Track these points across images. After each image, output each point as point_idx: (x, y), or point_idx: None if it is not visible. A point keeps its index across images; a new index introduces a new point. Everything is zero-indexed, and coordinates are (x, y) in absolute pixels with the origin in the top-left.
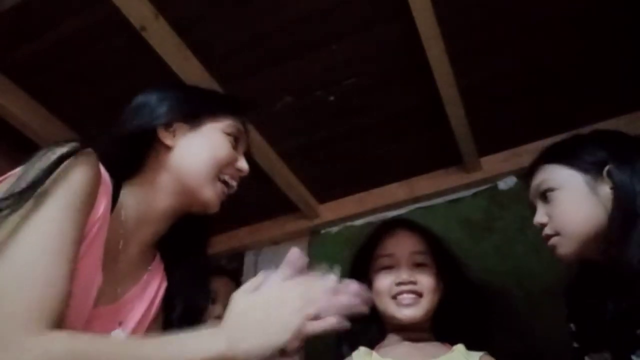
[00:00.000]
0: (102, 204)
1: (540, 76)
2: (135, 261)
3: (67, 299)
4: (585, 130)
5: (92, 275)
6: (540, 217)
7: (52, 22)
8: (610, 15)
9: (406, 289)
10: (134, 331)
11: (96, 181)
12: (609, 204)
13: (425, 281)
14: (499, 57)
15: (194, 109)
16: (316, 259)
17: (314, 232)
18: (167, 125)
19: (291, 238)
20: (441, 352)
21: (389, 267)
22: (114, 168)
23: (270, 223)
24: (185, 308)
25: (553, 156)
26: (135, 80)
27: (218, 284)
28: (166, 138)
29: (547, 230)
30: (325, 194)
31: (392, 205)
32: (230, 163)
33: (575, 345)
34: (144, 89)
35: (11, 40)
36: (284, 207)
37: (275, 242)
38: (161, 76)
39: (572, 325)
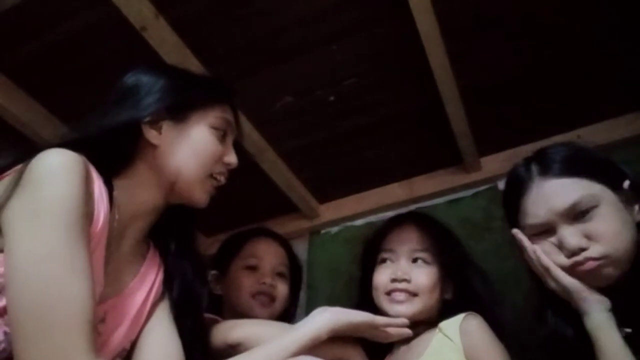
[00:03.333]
0: (102, 213)
1: (540, 76)
2: (130, 255)
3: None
4: (586, 130)
5: (96, 281)
6: (578, 240)
7: (52, 22)
8: (610, 16)
9: (400, 287)
10: (131, 327)
11: (88, 190)
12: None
13: (421, 280)
14: (499, 57)
15: (180, 104)
16: (316, 259)
17: (314, 232)
18: (152, 123)
19: (291, 238)
20: (430, 339)
21: (388, 262)
22: (103, 165)
23: (270, 223)
24: (183, 291)
25: (581, 170)
26: None
27: (262, 245)
28: (152, 137)
29: (593, 253)
30: (325, 194)
31: (392, 205)
32: (219, 160)
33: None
34: None
35: (11, 40)
36: (284, 207)
37: None
38: None
39: None
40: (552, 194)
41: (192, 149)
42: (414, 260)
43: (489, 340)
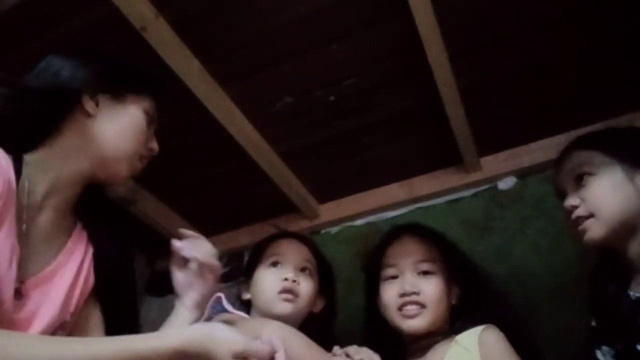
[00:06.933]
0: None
1: (540, 76)
2: (52, 230)
3: None
4: (586, 130)
5: (7, 250)
6: (572, 200)
7: (53, 22)
8: (610, 15)
9: (409, 300)
10: (66, 300)
11: None
12: None
13: (430, 291)
14: (499, 57)
15: (121, 82)
16: None
17: (314, 232)
18: (92, 93)
19: None
20: (445, 351)
21: (394, 277)
22: (13, 135)
23: (270, 223)
24: (111, 272)
25: (593, 143)
26: None
27: (284, 244)
28: (89, 106)
29: (580, 212)
30: (325, 194)
31: (392, 205)
32: (145, 142)
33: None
34: None
35: (11, 40)
36: (284, 207)
37: None
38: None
39: (592, 320)
40: (565, 159)
41: (127, 125)
42: (419, 272)
43: (507, 351)
